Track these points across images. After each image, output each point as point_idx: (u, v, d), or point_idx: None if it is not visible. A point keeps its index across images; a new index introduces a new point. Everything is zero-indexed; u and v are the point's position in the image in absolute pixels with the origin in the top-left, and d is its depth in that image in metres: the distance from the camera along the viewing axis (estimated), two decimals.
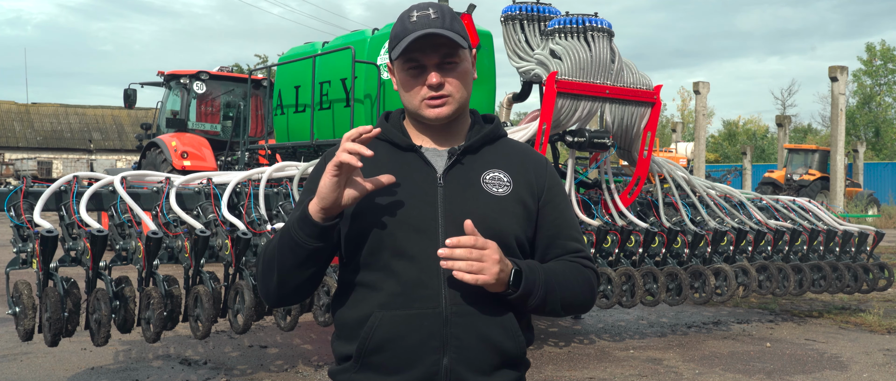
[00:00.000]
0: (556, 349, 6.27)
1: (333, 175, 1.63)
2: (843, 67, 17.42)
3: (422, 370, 1.71)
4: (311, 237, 1.69)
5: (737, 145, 50.98)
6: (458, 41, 1.76)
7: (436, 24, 1.74)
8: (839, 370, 5.76)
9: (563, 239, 1.86)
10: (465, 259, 1.63)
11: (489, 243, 1.66)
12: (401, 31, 1.77)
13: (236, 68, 18.66)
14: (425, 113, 1.79)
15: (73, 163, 36.35)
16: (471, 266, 1.63)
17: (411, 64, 1.78)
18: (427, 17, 1.76)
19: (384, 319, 1.71)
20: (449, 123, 1.84)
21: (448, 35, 1.74)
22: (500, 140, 1.91)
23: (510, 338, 1.76)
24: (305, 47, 8.79)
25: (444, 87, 1.78)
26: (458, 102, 1.80)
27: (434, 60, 1.77)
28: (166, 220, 4.75)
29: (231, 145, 12.03)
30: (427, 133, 1.86)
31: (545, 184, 1.87)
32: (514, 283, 1.70)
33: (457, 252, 1.63)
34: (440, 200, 1.75)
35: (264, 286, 1.81)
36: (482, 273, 1.64)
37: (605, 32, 6.04)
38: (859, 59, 51.47)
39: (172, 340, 6.13)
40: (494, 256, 1.65)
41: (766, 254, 7.01)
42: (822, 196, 20.48)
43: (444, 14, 1.78)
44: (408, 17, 1.78)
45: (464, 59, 1.81)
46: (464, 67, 1.80)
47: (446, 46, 1.76)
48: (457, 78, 1.79)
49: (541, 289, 1.74)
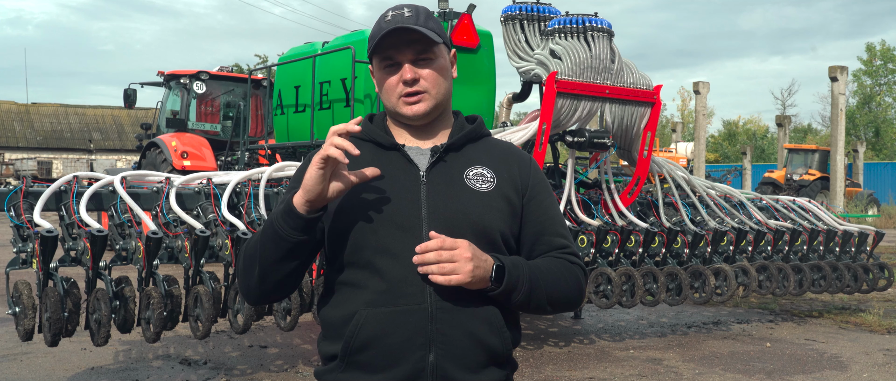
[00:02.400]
0: (556, 349, 6.26)
1: (319, 168, 1.63)
2: (843, 66, 17.42)
3: (408, 368, 1.70)
4: (295, 230, 1.69)
5: (737, 145, 50.97)
6: (432, 37, 1.76)
7: (409, 21, 1.76)
8: (839, 370, 5.76)
9: (548, 235, 1.86)
10: (436, 262, 1.64)
11: (459, 242, 1.66)
12: (376, 31, 1.79)
13: (236, 68, 18.66)
14: (402, 110, 1.80)
15: (73, 163, 36.35)
16: (442, 268, 1.64)
17: (387, 62, 1.79)
18: (401, 15, 1.77)
19: (369, 317, 1.71)
20: (431, 123, 1.85)
21: (421, 30, 1.75)
22: (484, 139, 1.91)
23: (496, 334, 1.76)
24: (305, 47, 8.79)
25: (420, 82, 1.78)
26: (436, 99, 1.81)
27: (408, 56, 1.78)
28: (166, 220, 4.75)
29: (231, 145, 12.02)
30: (409, 132, 1.86)
31: (529, 181, 1.87)
32: (496, 278, 1.70)
33: (428, 256, 1.65)
34: (423, 197, 1.75)
35: (245, 282, 1.80)
36: (455, 273, 1.65)
37: (605, 32, 6.04)
38: (859, 59, 51.51)
39: (172, 340, 6.13)
40: (466, 254, 1.65)
41: (766, 254, 7.01)
42: (822, 196, 20.48)
43: (419, 13, 1.79)
44: (383, 17, 1.80)
45: (440, 55, 1.81)
46: (440, 64, 1.81)
47: (420, 42, 1.77)
48: (433, 73, 1.79)
49: (525, 285, 1.74)
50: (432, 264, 1.65)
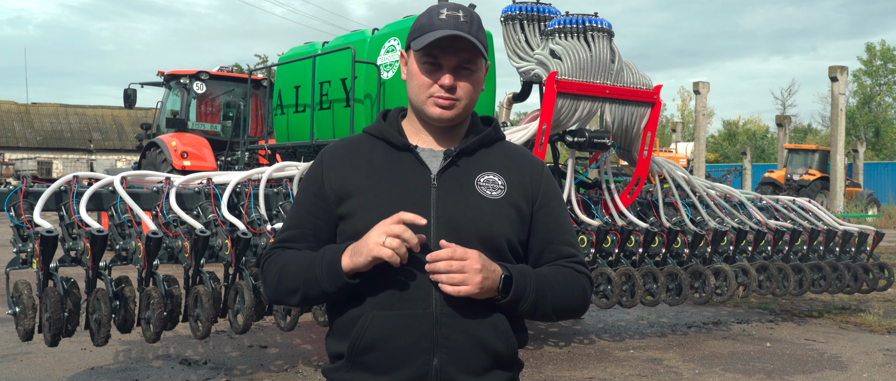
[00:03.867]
0: (556, 349, 6.27)
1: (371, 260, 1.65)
2: (843, 66, 17.43)
3: (412, 371, 1.71)
4: (339, 289, 1.73)
5: (737, 145, 50.98)
6: (480, 50, 1.76)
7: (463, 28, 1.75)
8: (839, 370, 5.76)
9: (557, 244, 1.86)
10: (446, 271, 1.65)
11: (470, 252, 1.66)
12: (427, 25, 1.77)
13: (236, 68, 18.66)
14: (429, 110, 1.79)
15: (73, 163, 36.37)
16: (452, 278, 1.65)
17: (429, 59, 1.77)
18: (457, 18, 1.76)
19: (375, 319, 1.72)
20: (449, 125, 1.85)
21: (473, 41, 1.74)
22: (498, 143, 1.90)
23: (502, 339, 1.76)
24: (305, 47, 8.80)
25: (456, 90, 1.78)
26: (464, 108, 1.81)
27: (452, 62, 1.77)
28: (166, 220, 4.75)
29: (231, 145, 12.03)
30: (425, 131, 1.86)
31: (541, 188, 1.87)
32: (504, 289, 1.70)
33: (438, 266, 1.65)
34: (433, 201, 1.75)
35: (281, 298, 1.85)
36: (465, 284, 1.65)
37: (605, 32, 6.04)
38: (859, 59, 51.51)
39: (172, 340, 6.13)
40: (475, 265, 1.65)
41: (766, 254, 7.01)
42: (822, 196, 20.48)
43: (473, 20, 1.78)
44: (437, 13, 1.77)
45: (479, 68, 1.82)
46: (477, 76, 1.81)
47: (468, 51, 1.77)
48: (469, 85, 1.80)
49: (531, 294, 1.74)
50: (442, 273, 1.66)
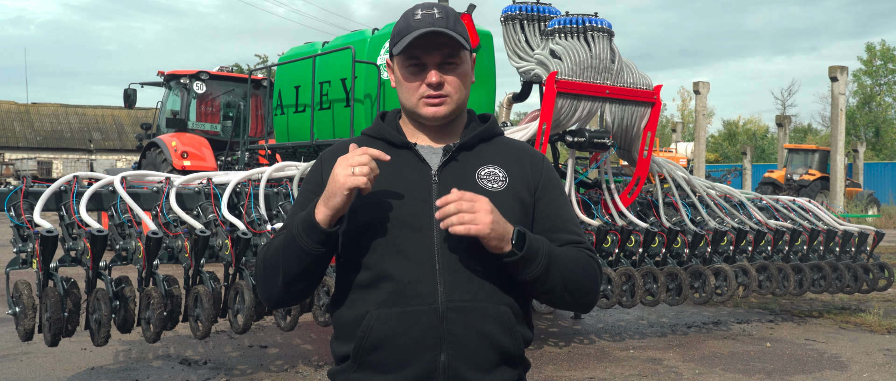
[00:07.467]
0: (556, 349, 6.27)
1: (345, 194, 1.64)
2: (843, 66, 17.43)
3: (419, 368, 1.71)
4: (318, 244, 1.70)
5: (737, 145, 50.97)
6: (461, 42, 1.77)
7: (440, 24, 1.75)
8: (839, 370, 5.76)
9: (561, 233, 1.85)
10: (455, 212, 1.63)
11: (480, 197, 1.65)
12: (404, 28, 1.78)
13: (236, 68, 18.67)
14: (422, 111, 1.80)
15: (73, 163, 36.38)
16: (462, 218, 1.62)
17: (412, 61, 1.78)
18: (432, 15, 1.76)
19: (380, 317, 1.71)
20: (445, 123, 1.85)
21: (451, 34, 1.75)
22: (496, 138, 1.92)
23: (508, 334, 1.75)
24: (305, 47, 8.80)
25: (444, 86, 1.79)
26: (456, 103, 1.81)
27: (435, 59, 1.78)
28: (166, 220, 4.75)
29: (231, 145, 12.03)
30: (423, 131, 1.87)
31: (541, 179, 1.87)
32: (518, 243, 1.68)
33: (448, 208, 1.64)
34: (435, 197, 1.75)
35: (267, 290, 1.82)
36: (474, 223, 1.63)
37: (605, 32, 6.04)
38: (859, 59, 51.52)
39: (172, 340, 6.13)
40: (486, 207, 1.64)
41: (766, 254, 7.01)
42: (822, 196, 20.47)
43: (449, 15, 1.79)
44: (412, 15, 1.78)
45: (464, 60, 1.82)
46: (463, 69, 1.82)
47: (448, 46, 1.77)
48: (456, 78, 1.80)
49: (544, 257, 1.71)
50: (452, 215, 1.63)
